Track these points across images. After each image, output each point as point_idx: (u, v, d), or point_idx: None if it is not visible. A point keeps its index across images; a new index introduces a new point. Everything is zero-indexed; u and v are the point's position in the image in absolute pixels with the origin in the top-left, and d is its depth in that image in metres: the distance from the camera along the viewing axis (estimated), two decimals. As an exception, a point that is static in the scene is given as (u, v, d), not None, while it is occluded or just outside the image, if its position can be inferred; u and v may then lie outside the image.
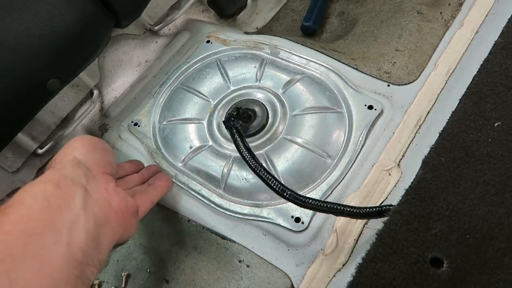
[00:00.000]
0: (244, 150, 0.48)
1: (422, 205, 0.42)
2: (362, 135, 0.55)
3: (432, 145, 0.46)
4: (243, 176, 0.54)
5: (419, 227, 0.41)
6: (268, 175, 0.45)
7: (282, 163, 0.53)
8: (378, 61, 0.61)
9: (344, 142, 0.55)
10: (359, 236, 0.48)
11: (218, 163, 0.56)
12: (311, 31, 0.75)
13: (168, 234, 0.58)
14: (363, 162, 0.54)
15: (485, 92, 0.49)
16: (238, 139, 0.49)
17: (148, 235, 0.60)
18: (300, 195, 0.44)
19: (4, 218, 0.30)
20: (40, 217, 0.31)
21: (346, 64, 0.62)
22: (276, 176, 0.52)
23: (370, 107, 0.56)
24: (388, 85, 0.58)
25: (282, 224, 0.50)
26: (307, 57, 0.63)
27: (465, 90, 0.50)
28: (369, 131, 0.55)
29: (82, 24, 0.55)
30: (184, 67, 0.67)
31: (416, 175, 0.44)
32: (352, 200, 0.51)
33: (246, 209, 0.52)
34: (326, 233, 0.50)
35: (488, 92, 0.49)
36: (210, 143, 0.58)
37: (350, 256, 0.47)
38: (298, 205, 0.44)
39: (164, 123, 0.62)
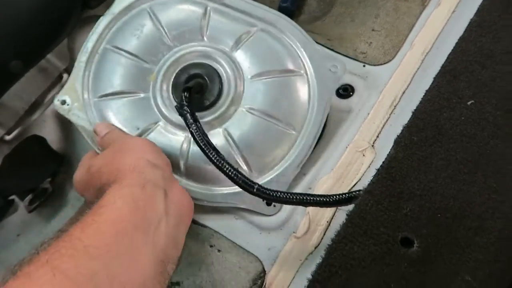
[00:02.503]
0: (205, 144, 0.43)
1: (393, 185, 0.42)
2: (327, 103, 0.50)
3: (405, 124, 0.45)
4: (204, 159, 0.45)
5: (389, 207, 0.41)
6: (233, 170, 0.42)
7: (245, 141, 0.49)
8: (354, 42, 0.60)
9: (308, 111, 0.50)
10: (332, 218, 0.47)
11: (174, 144, 0.49)
12: (288, 12, 0.72)
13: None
14: (338, 144, 0.52)
15: (459, 70, 0.48)
16: (195, 131, 0.43)
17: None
18: (268, 189, 0.41)
19: (100, 218, 0.33)
20: (130, 219, 0.33)
21: (322, 45, 0.60)
22: (240, 157, 0.49)
23: (335, 67, 0.51)
24: (364, 66, 0.57)
25: (254, 210, 0.49)
26: (258, 4, 0.53)
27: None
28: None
29: (45, 2, 0.53)
30: (108, 20, 0.54)
31: (387, 155, 0.43)
32: (325, 183, 0.50)
33: (214, 195, 0.48)
34: (299, 216, 0.49)
35: (462, 70, 0.48)
36: (161, 121, 0.50)
37: (322, 238, 0.47)
38: (267, 200, 0.42)
39: (96, 98, 0.52)
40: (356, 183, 0.49)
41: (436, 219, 0.41)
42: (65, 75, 0.68)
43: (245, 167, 0.49)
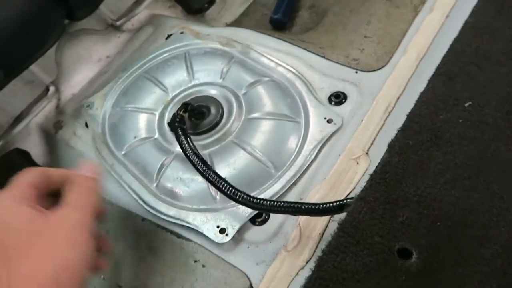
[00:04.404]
0: (191, 154, 0.45)
1: (388, 191, 0.39)
2: (314, 149, 0.50)
3: (399, 128, 0.43)
4: (178, 175, 0.51)
5: (384, 215, 0.37)
6: (219, 179, 0.42)
7: (224, 168, 0.50)
8: (346, 49, 0.58)
9: (294, 154, 0.50)
10: (325, 230, 0.44)
11: (158, 157, 0.52)
12: (280, 24, 0.72)
13: (123, 235, 0.53)
14: (330, 152, 0.50)
15: (455, 71, 0.46)
16: (184, 141, 0.46)
17: (102, 238, 0.55)
18: (253, 197, 0.41)
19: None
20: None
21: (313, 53, 0.59)
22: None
23: (330, 121, 0.52)
24: (356, 72, 0.55)
25: (205, 234, 0.46)
26: (277, 61, 0.59)
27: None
28: (324, 144, 0.51)
29: (26, 12, 0.52)
30: (152, 55, 0.64)
31: (381, 159, 0.41)
32: (317, 192, 0.47)
33: (172, 211, 0.48)
34: (290, 228, 0.45)
35: (458, 72, 0.46)
36: (156, 136, 0.55)
37: (314, 252, 0.43)
38: (251, 208, 0.41)
39: (117, 109, 0.59)
40: (350, 192, 0.46)
41: (435, 228, 0.37)
42: (51, 88, 0.67)
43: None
